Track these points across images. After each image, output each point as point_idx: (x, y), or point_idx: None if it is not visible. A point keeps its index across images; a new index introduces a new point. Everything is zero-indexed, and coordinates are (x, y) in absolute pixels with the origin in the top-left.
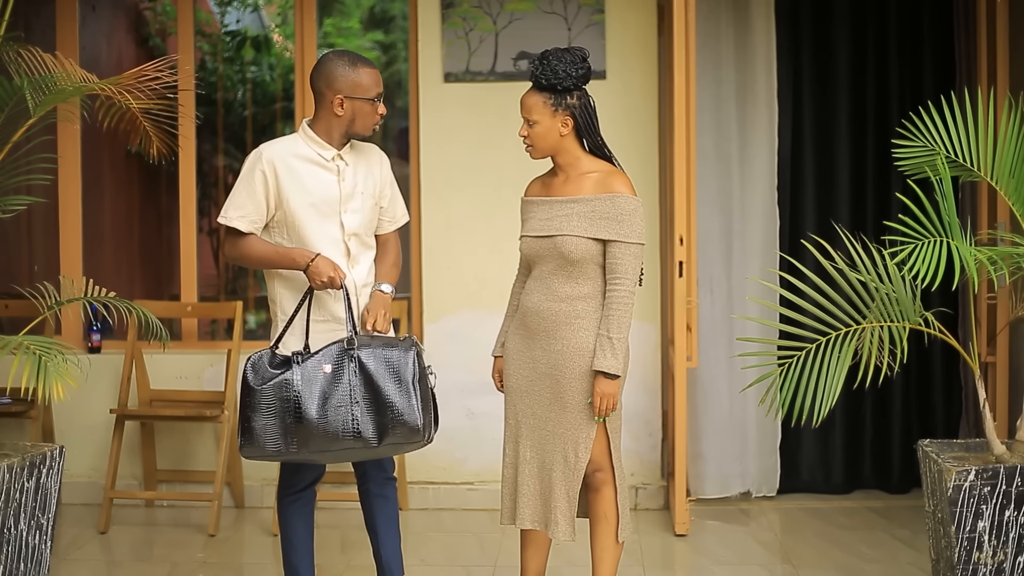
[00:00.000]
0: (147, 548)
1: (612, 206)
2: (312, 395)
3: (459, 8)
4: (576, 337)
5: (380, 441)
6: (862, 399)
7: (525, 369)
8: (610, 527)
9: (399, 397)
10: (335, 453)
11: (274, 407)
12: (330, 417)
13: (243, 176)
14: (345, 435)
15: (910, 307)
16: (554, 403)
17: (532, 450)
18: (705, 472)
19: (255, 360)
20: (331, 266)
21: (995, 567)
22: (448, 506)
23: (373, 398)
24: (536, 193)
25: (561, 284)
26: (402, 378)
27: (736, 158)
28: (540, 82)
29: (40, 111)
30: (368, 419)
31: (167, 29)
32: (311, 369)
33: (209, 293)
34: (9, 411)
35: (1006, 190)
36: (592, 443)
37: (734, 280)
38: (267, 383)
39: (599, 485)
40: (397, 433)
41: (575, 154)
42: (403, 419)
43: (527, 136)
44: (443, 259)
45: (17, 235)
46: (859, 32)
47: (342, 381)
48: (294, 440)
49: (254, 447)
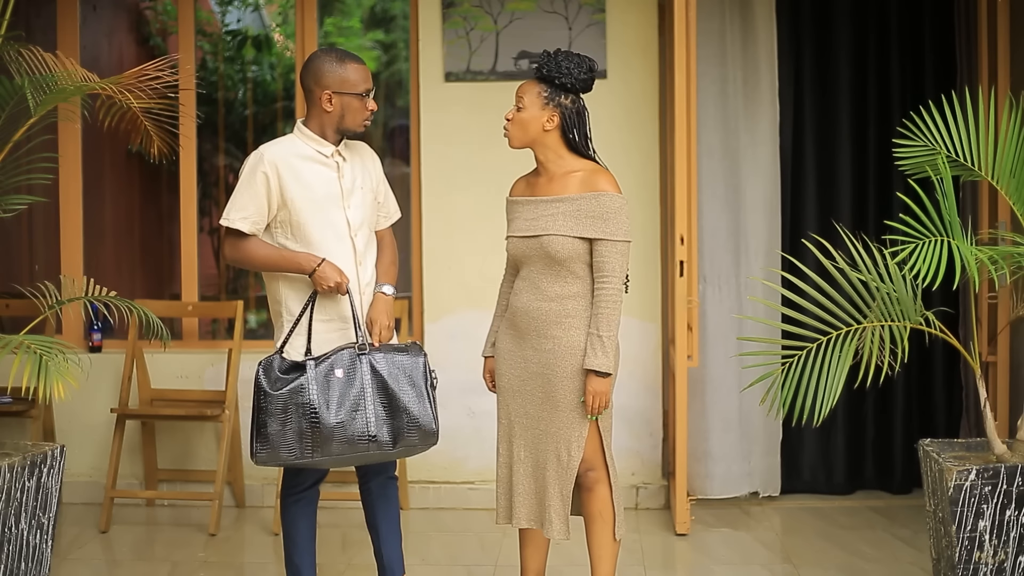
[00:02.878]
0: (148, 547)
1: (597, 204)
2: (328, 400)
3: (460, 7)
4: (567, 336)
5: (395, 444)
6: (863, 399)
7: (517, 369)
8: (606, 525)
9: (414, 401)
10: (349, 457)
11: (290, 412)
12: (347, 421)
13: (244, 178)
14: (361, 439)
15: (911, 306)
16: (546, 402)
17: (526, 449)
18: (713, 471)
19: (266, 364)
20: (337, 271)
21: (996, 567)
22: (449, 505)
23: (388, 402)
24: (521, 193)
25: (550, 284)
26: (416, 382)
27: (742, 155)
28: (541, 71)
29: (41, 110)
30: (384, 422)
31: (168, 28)
32: (324, 374)
33: (210, 292)
34: (10, 410)
35: (1007, 189)
36: (584, 442)
37: (742, 278)
38: (283, 388)
39: (592, 484)
40: (412, 436)
41: (557, 152)
42: (419, 422)
43: (511, 119)
44: (444, 259)
45: (18, 234)
46: (860, 32)
47: (355, 385)
48: (309, 444)
49: (270, 452)
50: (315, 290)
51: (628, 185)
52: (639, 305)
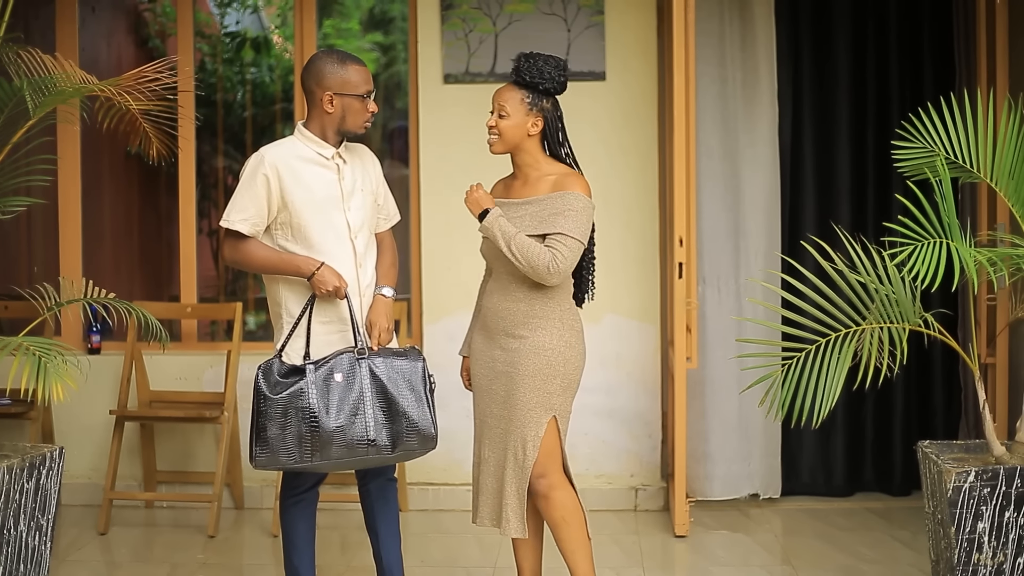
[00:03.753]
0: (147, 549)
1: (561, 202)
2: (327, 404)
3: (459, 9)
4: (533, 336)
5: (394, 449)
6: (863, 401)
7: (485, 368)
8: (572, 528)
9: (413, 405)
10: (348, 461)
11: (290, 416)
12: (346, 425)
13: (245, 180)
14: (360, 443)
15: (910, 308)
16: (507, 400)
17: (490, 449)
18: (712, 473)
19: (266, 368)
20: (336, 276)
21: (995, 568)
22: (448, 507)
23: (387, 406)
24: (499, 195)
25: (518, 284)
26: (415, 387)
27: (741, 156)
28: (523, 78)
29: (40, 112)
30: (383, 427)
31: (167, 30)
32: (323, 378)
33: (209, 294)
34: (9, 412)
35: (1005, 191)
36: (540, 441)
37: (741, 279)
38: (282, 392)
39: (547, 491)
40: (411, 440)
41: (535, 156)
42: (418, 427)
43: (494, 127)
44: (443, 260)
45: (17, 236)
46: (859, 33)
47: (354, 390)
48: (308, 448)
49: (269, 456)
50: (314, 293)
51: (626, 186)
52: (638, 306)
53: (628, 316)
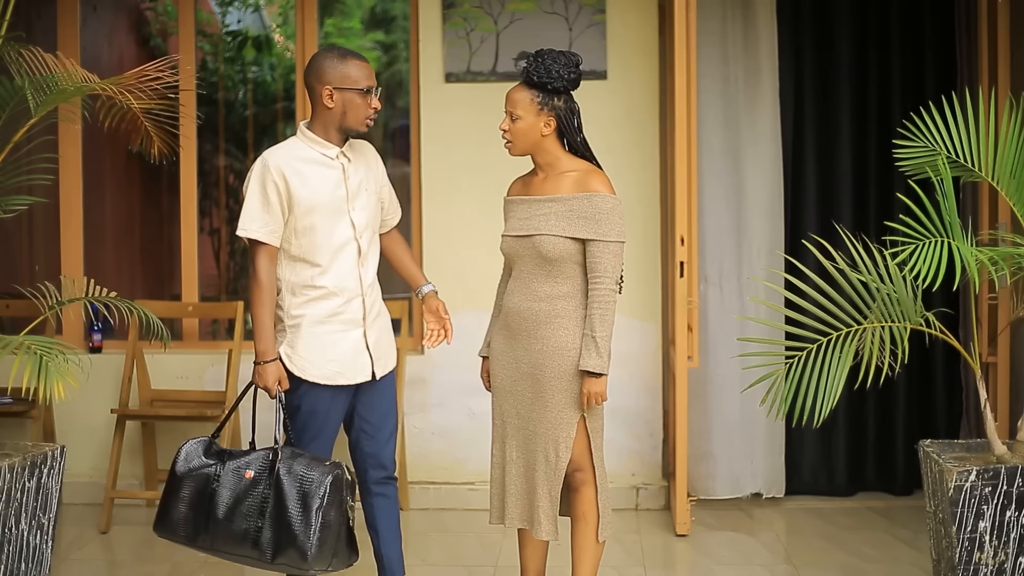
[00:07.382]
0: (148, 548)
1: (590, 205)
2: (225, 496)
3: (460, 8)
4: (556, 336)
5: (273, 558)
6: (864, 400)
7: (508, 369)
8: (589, 527)
9: (298, 521)
10: (234, 556)
11: (192, 498)
12: (235, 522)
13: (253, 188)
14: (244, 543)
15: (911, 307)
16: (535, 402)
17: (518, 450)
18: (715, 472)
19: (189, 448)
20: (276, 378)
21: (996, 567)
22: (449, 506)
23: (278, 515)
24: (517, 192)
25: (541, 284)
26: (307, 503)
27: (743, 155)
28: (531, 79)
29: (41, 111)
30: (268, 534)
31: (168, 29)
32: (234, 470)
33: (210, 293)
34: (10, 411)
35: (1007, 190)
36: (572, 442)
37: (743, 278)
38: (192, 472)
39: (579, 485)
40: (289, 554)
41: (555, 154)
42: (296, 543)
43: (507, 131)
44: (444, 259)
45: (18, 235)
46: (861, 32)
47: (256, 491)
48: (203, 533)
49: (166, 530)
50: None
51: (628, 185)
52: (639, 305)
53: (630, 315)
